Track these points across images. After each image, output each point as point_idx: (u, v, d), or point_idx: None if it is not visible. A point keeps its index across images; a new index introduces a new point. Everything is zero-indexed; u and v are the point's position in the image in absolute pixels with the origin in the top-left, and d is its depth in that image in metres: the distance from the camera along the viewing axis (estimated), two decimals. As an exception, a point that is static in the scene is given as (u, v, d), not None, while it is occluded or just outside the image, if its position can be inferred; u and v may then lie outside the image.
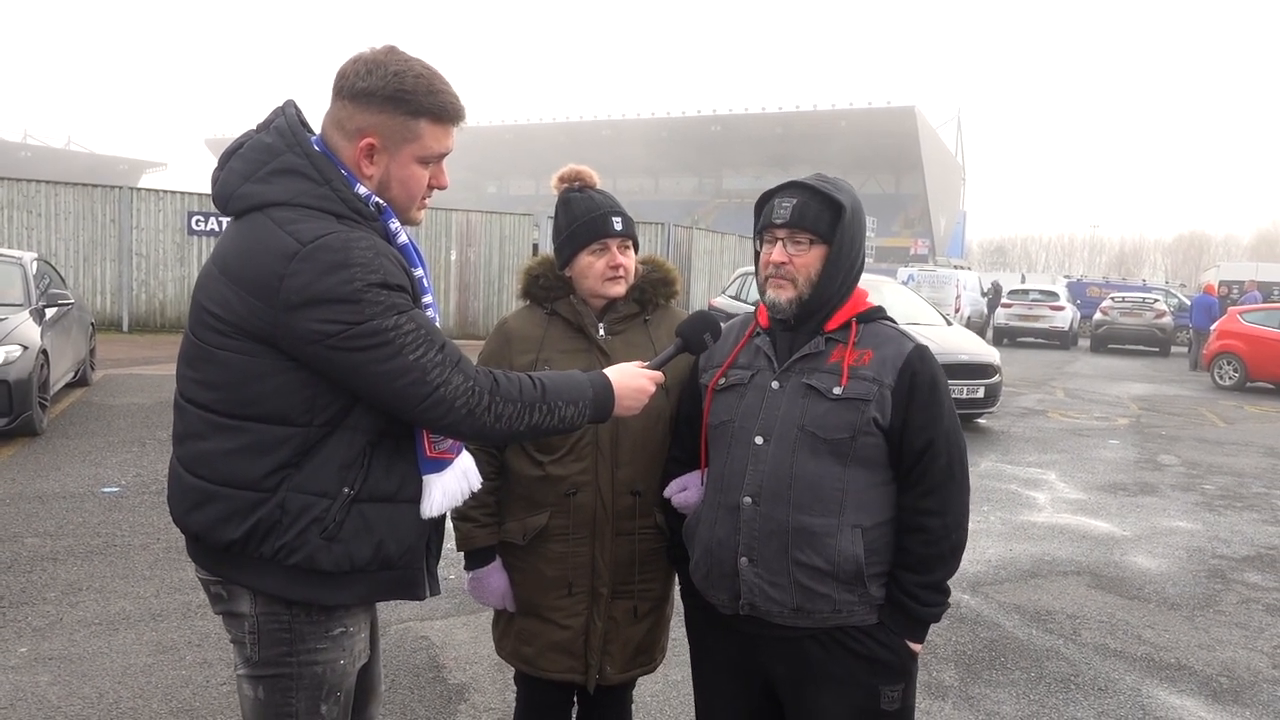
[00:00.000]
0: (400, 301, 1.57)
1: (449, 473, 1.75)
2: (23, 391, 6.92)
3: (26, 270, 8.28)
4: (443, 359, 1.60)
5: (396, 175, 1.67)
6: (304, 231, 1.54)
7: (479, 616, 4.17)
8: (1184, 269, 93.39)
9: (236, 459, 1.61)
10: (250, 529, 1.61)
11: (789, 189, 1.95)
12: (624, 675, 2.27)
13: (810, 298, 1.91)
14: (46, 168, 56.40)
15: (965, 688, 3.78)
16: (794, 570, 1.87)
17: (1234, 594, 5.12)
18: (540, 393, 1.70)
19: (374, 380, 1.56)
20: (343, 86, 1.64)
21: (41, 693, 3.35)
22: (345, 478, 1.63)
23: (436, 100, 1.65)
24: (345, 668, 1.74)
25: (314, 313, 1.52)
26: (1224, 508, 7.14)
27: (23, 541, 4.93)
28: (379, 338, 1.54)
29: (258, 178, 1.61)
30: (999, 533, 6.14)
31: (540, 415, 1.70)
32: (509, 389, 1.67)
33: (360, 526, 1.65)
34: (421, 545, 1.77)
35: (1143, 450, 9.47)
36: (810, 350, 1.93)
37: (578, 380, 1.78)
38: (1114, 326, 23.46)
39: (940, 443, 1.88)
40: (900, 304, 10.82)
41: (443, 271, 17.86)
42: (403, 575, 1.74)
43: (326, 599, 1.67)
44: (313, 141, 1.65)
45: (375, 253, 1.56)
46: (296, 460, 1.61)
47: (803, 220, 1.90)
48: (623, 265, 2.18)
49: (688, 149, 74.01)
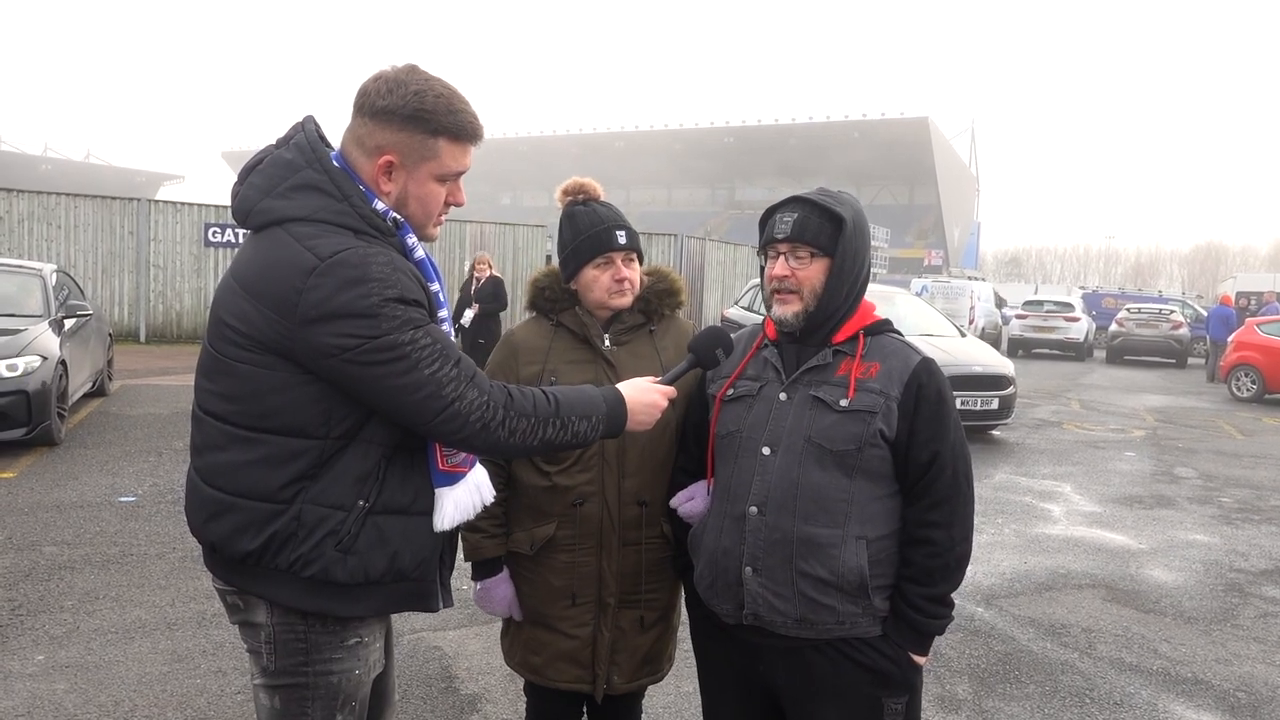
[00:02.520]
0: (417, 316, 1.59)
1: (461, 486, 1.76)
2: (41, 401, 6.99)
3: (46, 281, 8.38)
4: (458, 374, 1.61)
5: (414, 193, 1.69)
6: (322, 247, 1.56)
7: (491, 627, 4.17)
8: (1201, 280, 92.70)
9: (254, 470, 1.62)
10: (267, 540, 1.62)
11: (790, 204, 1.97)
12: (631, 685, 2.27)
13: (816, 310, 1.93)
14: (66, 180, 57.08)
15: (979, 701, 3.76)
16: (798, 581, 1.88)
17: (1252, 608, 5.07)
18: (554, 408, 1.71)
19: (390, 394, 1.58)
20: (364, 104, 1.66)
21: (58, 700, 3.38)
22: (361, 490, 1.64)
23: (456, 120, 1.67)
24: (361, 678, 1.75)
25: (332, 327, 1.54)
26: (1242, 521, 7.07)
27: (40, 550, 4.98)
28: (396, 352, 1.56)
29: (277, 193, 1.63)
30: (1013, 545, 6.11)
31: (554, 430, 1.71)
32: (523, 404, 1.68)
33: (375, 539, 1.66)
34: (435, 558, 1.78)
35: (1159, 462, 9.39)
36: (818, 362, 1.94)
37: (591, 395, 1.79)
38: (1130, 338, 23.31)
39: (946, 455, 1.89)
40: (914, 315, 10.80)
41: (457, 283, 17.94)
42: (417, 587, 1.75)
43: (342, 610, 1.68)
44: (332, 157, 1.68)
45: (393, 268, 1.58)
46: (313, 472, 1.62)
47: (804, 234, 1.91)
48: (628, 279, 2.19)
49: (701, 160, 74.12)
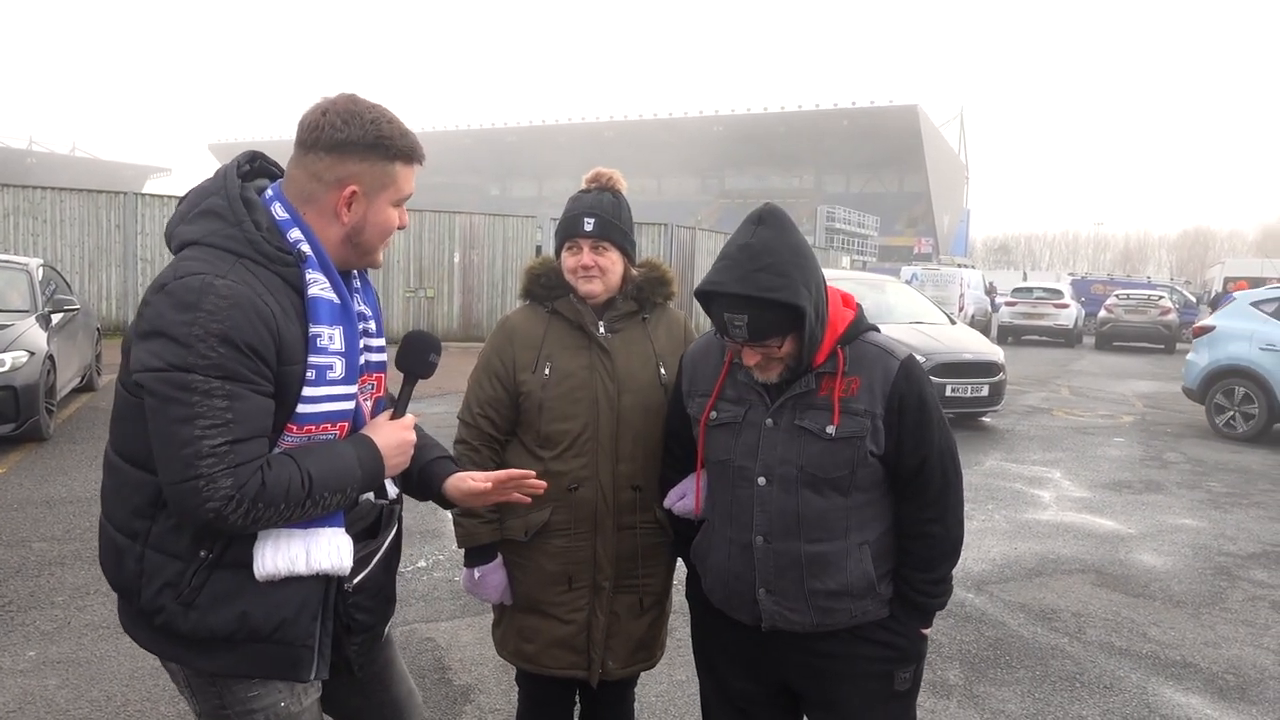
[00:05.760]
0: (233, 366, 1.46)
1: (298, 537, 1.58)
2: (29, 397, 6.94)
3: (33, 276, 8.31)
4: (225, 451, 1.46)
5: (372, 220, 1.67)
6: (184, 268, 1.53)
7: (484, 618, 4.17)
8: (1189, 265, 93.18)
9: (112, 498, 1.64)
10: (123, 577, 1.60)
11: (735, 303, 1.77)
12: (626, 670, 2.29)
13: (796, 365, 1.88)
14: (52, 174, 56.67)
15: (970, 686, 3.78)
16: (811, 596, 1.92)
17: (1240, 591, 5.11)
18: (307, 490, 1.54)
19: (157, 433, 1.48)
20: (318, 139, 1.60)
21: (50, 696, 3.37)
22: (201, 541, 1.54)
23: (408, 143, 1.66)
24: (289, 709, 1.66)
25: (149, 344, 1.49)
26: (1230, 505, 7.12)
27: (30, 546, 4.95)
28: (183, 393, 1.45)
29: (187, 219, 1.63)
30: (1004, 531, 6.14)
31: (301, 512, 1.56)
32: (274, 494, 1.51)
33: (220, 594, 1.55)
34: (305, 619, 1.62)
35: (1148, 448, 9.45)
36: (800, 389, 1.91)
37: (347, 464, 1.61)
38: (1119, 324, 23.38)
39: (934, 459, 1.92)
40: (904, 303, 10.82)
41: (446, 274, 17.91)
42: (277, 650, 1.61)
43: (197, 664, 1.60)
44: (269, 187, 1.66)
45: (232, 304, 1.47)
46: (151, 512, 1.57)
47: (765, 334, 1.79)
48: (594, 265, 2.22)
49: (690, 149, 74.03)
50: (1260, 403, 9.95)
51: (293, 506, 1.53)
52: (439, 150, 79.07)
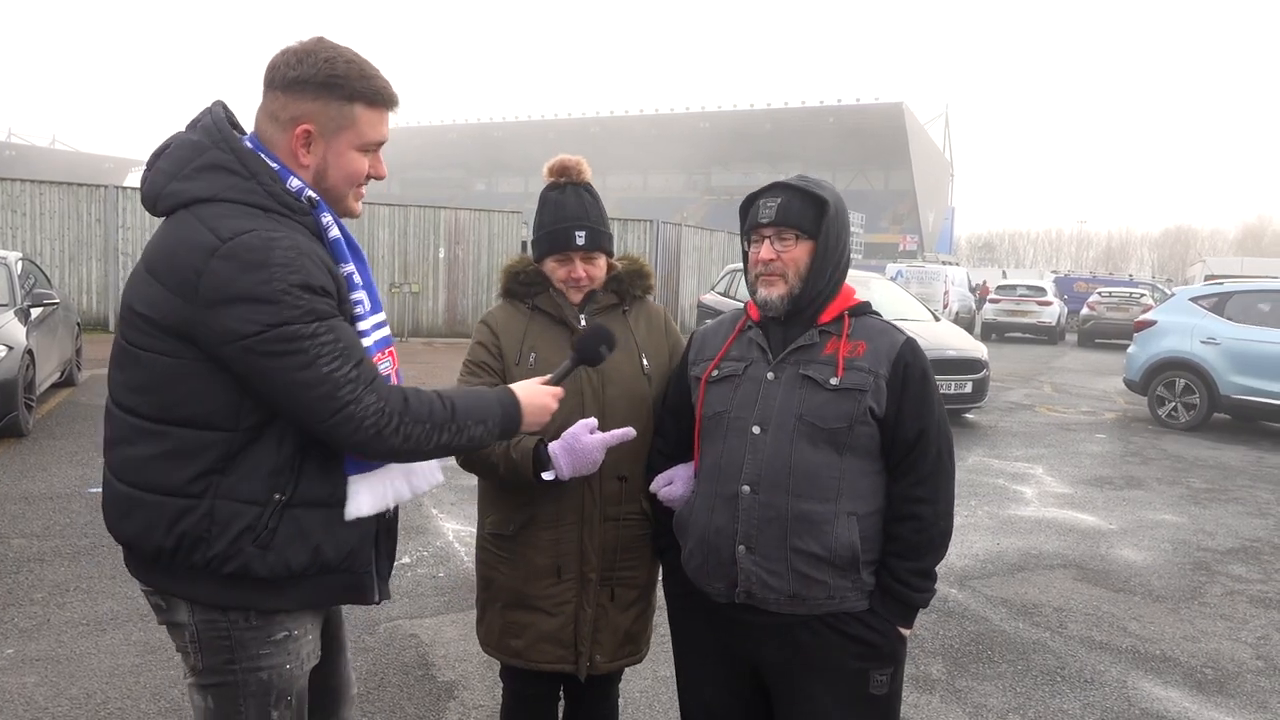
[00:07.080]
0: (321, 307, 1.54)
1: (378, 475, 1.70)
2: (8, 392, 6.87)
3: (11, 270, 8.22)
4: (357, 375, 1.55)
5: (334, 163, 1.66)
6: (224, 228, 1.52)
7: (468, 614, 4.17)
8: (1171, 263, 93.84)
9: (161, 464, 1.58)
10: (179, 537, 1.58)
11: (773, 189, 2.00)
12: (612, 665, 2.29)
13: (801, 292, 1.96)
14: (31, 167, 56.01)
15: (952, 681, 3.81)
16: (792, 558, 1.90)
17: (1219, 586, 5.16)
18: (450, 413, 1.66)
19: (285, 389, 1.52)
20: (274, 78, 1.63)
21: (29, 694, 3.34)
22: (276, 484, 1.60)
23: (369, 84, 1.65)
24: (293, 672, 1.70)
25: (231, 311, 1.49)
26: (1209, 501, 7.19)
27: (9, 543, 4.90)
28: (295, 344, 1.50)
29: (184, 175, 1.60)
30: (986, 527, 6.18)
31: (449, 435, 1.66)
32: (419, 410, 1.62)
33: (294, 532, 1.62)
34: (366, 548, 1.73)
35: (1129, 444, 9.52)
36: (805, 342, 1.97)
37: (487, 399, 1.75)
38: (1101, 321, 23.58)
39: (932, 432, 1.94)
40: (889, 300, 10.84)
41: (431, 269, 17.84)
42: (346, 579, 1.70)
43: (265, 604, 1.64)
44: (245, 139, 1.65)
45: (297, 252, 1.53)
46: (222, 466, 1.58)
47: (788, 218, 1.94)
48: (586, 277, 2.23)
49: (676, 146, 74.01)
50: (1201, 394, 10.23)
51: (439, 426, 1.64)
52: (425, 144, 78.91)
